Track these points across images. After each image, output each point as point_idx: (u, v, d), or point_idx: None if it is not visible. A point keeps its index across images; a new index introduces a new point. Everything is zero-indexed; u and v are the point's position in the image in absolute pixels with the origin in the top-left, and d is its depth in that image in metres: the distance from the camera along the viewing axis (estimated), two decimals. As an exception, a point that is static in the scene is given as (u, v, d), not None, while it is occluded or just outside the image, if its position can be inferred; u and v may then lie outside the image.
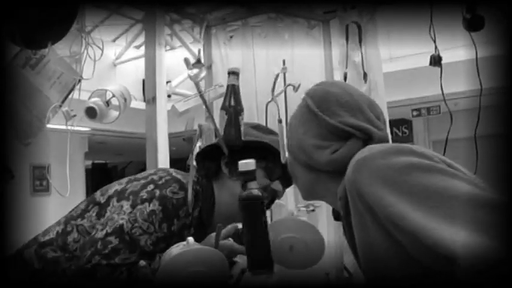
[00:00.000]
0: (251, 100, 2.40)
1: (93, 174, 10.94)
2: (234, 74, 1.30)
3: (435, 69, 2.22)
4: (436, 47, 2.18)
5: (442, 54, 2.19)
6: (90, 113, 2.14)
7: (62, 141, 2.36)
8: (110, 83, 2.34)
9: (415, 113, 6.29)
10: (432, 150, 0.91)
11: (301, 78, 2.13)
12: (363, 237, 0.91)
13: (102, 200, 1.34)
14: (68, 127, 2.06)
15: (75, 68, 2.09)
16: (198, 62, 1.33)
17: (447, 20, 2.41)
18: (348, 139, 1.01)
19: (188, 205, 1.30)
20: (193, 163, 1.38)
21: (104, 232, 1.24)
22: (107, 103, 2.18)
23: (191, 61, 1.40)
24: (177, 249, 1.11)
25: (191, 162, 1.37)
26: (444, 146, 2.14)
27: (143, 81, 3.71)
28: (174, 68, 4.01)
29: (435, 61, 2.21)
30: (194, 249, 1.10)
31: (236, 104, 1.30)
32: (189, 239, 1.12)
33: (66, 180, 2.07)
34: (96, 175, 11.08)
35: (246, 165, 1.07)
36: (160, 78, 2.08)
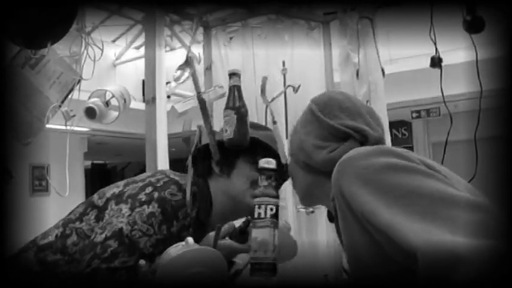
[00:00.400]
0: (251, 101, 2.40)
1: (93, 174, 10.95)
2: (236, 76, 1.30)
3: (435, 70, 2.22)
4: (436, 48, 2.18)
5: (442, 56, 2.20)
6: (90, 113, 2.15)
7: (62, 142, 2.36)
8: (110, 84, 2.34)
9: (415, 114, 6.27)
10: (431, 153, 0.91)
11: (301, 79, 2.13)
12: (347, 236, 0.92)
13: (100, 203, 1.33)
14: (68, 127, 2.06)
15: (75, 68, 2.09)
16: (186, 63, 1.33)
17: (447, 22, 2.40)
18: (346, 140, 1.05)
19: (187, 206, 1.30)
20: (190, 164, 1.37)
21: (103, 236, 1.23)
22: (107, 103, 2.18)
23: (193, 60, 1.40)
24: (175, 249, 1.11)
25: (189, 163, 1.37)
26: (444, 148, 2.14)
27: (143, 81, 3.72)
28: (173, 69, 4.00)
29: (435, 63, 2.21)
30: (193, 250, 1.10)
31: (243, 105, 1.31)
32: (188, 239, 1.12)
33: (66, 180, 2.08)
34: (95, 175, 11.09)
35: (267, 162, 1.11)
36: (160, 79, 2.09)
